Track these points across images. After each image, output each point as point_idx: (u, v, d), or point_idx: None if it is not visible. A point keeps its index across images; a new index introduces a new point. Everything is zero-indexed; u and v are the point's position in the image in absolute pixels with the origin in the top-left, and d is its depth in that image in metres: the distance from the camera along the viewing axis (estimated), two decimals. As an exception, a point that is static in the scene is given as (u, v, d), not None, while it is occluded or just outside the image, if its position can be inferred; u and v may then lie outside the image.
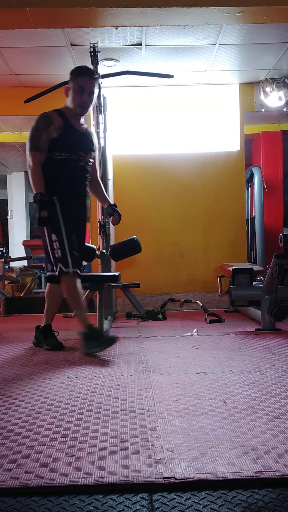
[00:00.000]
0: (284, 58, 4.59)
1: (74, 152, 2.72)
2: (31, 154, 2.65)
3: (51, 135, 2.66)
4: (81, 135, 2.79)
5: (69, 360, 2.51)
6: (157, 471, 1.17)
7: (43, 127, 2.67)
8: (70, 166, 2.72)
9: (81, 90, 2.67)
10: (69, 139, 2.71)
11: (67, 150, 2.70)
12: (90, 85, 2.69)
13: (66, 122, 2.71)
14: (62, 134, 2.68)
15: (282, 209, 6.79)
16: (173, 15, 3.42)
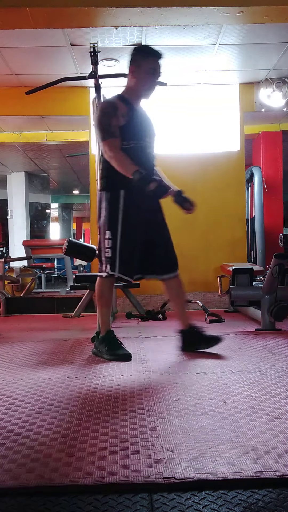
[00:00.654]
0: (284, 58, 4.59)
1: (141, 138, 2.50)
2: (106, 142, 2.41)
3: (118, 122, 2.43)
4: (146, 119, 2.59)
5: (69, 360, 2.51)
6: (157, 471, 1.17)
7: (111, 112, 2.43)
8: (138, 154, 2.46)
9: (153, 72, 2.48)
10: (136, 125, 2.49)
11: (135, 138, 2.47)
12: (160, 67, 2.51)
13: (130, 107, 2.50)
14: (129, 120, 2.45)
15: (282, 209, 6.79)
16: (173, 15, 3.42)
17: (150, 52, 2.51)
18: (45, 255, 8.39)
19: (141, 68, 2.47)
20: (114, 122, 2.42)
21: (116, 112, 2.43)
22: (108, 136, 2.42)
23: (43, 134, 6.54)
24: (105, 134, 2.43)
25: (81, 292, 4.79)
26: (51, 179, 11.89)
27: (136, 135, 2.48)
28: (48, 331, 3.61)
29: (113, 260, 2.45)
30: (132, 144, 2.45)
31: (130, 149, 2.44)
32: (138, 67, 2.48)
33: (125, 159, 2.39)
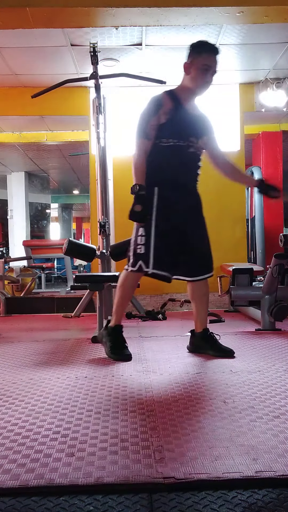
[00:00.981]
0: (284, 58, 4.59)
1: (184, 137, 2.44)
2: (138, 141, 2.42)
3: (160, 120, 2.40)
4: (194, 118, 2.50)
5: (69, 360, 2.50)
6: (157, 471, 1.17)
7: (152, 112, 2.42)
8: (178, 153, 2.43)
9: (207, 69, 2.41)
10: (179, 123, 2.44)
11: (175, 136, 2.42)
12: (215, 64, 2.44)
13: (177, 105, 2.45)
14: (171, 118, 2.42)
15: (282, 209, 6.79)
16: (173, 15, 3.42)
17: (204, 48, 2.45)
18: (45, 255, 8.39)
19: (194, 65, 2.44)
20: (152, 122, 2.41)
21: (158, 111, 2.41)
22: (141, 136, 2.42)
23: (43, 134, 6.54)
24: (140, 132, 2.44)
25: (81, 292, 4.79)
26: (51, 179, 11.90)
27: (177, 134, 2.43)
28: (48, 331, 3.61)
29: (146, 256, 2.40)
30: (171, 142, 2.42)
31: (168, 147, 2.42)
32: (191, 63, 2.46)
33: (140, 166, 2.41)
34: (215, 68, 2.45)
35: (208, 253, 2.58)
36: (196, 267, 2.56)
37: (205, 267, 2.57)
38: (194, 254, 2.54)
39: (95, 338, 3.00)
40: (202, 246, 2.56)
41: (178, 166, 2.46)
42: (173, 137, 2.42)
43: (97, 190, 4.09)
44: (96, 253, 3.82)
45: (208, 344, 2.56)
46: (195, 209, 2.57)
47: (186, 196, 2.51)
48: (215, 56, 2.44)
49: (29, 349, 2.84)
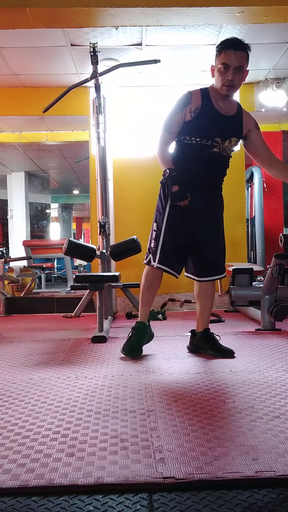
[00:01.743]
0: (284, 58, 4.59)
1: (208, 137, 2.42)
2: (161, 133, 2.46)
3: (185, 118, 2.42)
4: (222, 118, 2.46)
5: (69, 360, 2.51)
6: (157, 471, 1.17)
7: (178, 108, 2.44)
8: (200, 152, 2.43)
9: (226, 68, 2.35)
10: (205, 122, 2.42)
11: (199, 135, 2.42)
12: (236, 59, 2.35)
13: (206, 103, 2.44)
14: (197, 117, 2.41)
15: (282, 209, 6.79)
16: (173, 15, 3.42)
17: (223, 45, 2.39)
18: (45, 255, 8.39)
19: (215, 66, 2.43)
20: (176, 118, 2.44)
21: (184, 108, 2.43)
22: (164, 129, 2.46)
23: (43, 134, 6.54)
24: (163, 125, 2.47)
25: (81, 292, 4.79)
26: (51, 179, 11.90)
27: (201, 132, 2.42)
28: (48, 331, 3.61)
29: (155, 251, 2.50)
30: (194, 140, 2.42)
31: (190, 145, 2.44)
32: (214, 65, 2.45)
33: (164, 155, 2.44)
34: (237, 64, 2.36)
35: (219, 255, 2.61)
36: (204, 268, 2.59)
37: (214, 268, 2.59)
38: (203, 255, 2.55)
39: (95, 338, 3.00)
40: (213, 247, 2.57)
41: (199, 165, 2.44)
42: (196, 135, 2.42)
43: (97, 190, 4.09)
44: (96, 253, 3.82)
45: (208, 344, 2.56)
46: (211, 209, 2.57)
47: (204, 195, 2.50)
48: (236, 51, 2.35)
49: (29, 349, 2.85)
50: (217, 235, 2.60)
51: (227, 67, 2.36)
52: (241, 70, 2.40)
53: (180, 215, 2.45)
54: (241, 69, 2.40)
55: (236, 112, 2.52)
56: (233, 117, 2.50)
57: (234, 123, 2.51)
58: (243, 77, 2.45)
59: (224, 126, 2.47)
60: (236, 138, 2.52)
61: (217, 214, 2.62)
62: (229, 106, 2.49)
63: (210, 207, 2.56)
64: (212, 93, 2.47)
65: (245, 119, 2.55)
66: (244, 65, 2.41)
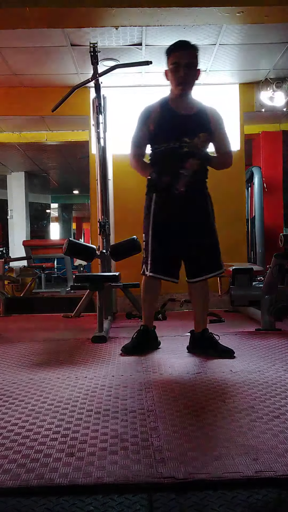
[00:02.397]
0: (284, 58, 4.59)
1: (175, 139, 2.43)
2: (130, 148, 2.60)
3: (149, 129, 2.51)
4: (184, 117, 2.48)
5: (69, 360, 2.50)
6: (157, 471, 1.17)
7: (141, 122, 2.57)
8: (172, 156, 2.45)
9: (177, 66, 2.41)
10: (167, 126, 2.47)
11: (165, 140, 2.46)
12: (185, 57, 2.41)
13: (164, 107, 2.50)
14: (158, 123, 2.48)
15: (282, 209, 6.79)
16: (173, 15, 3.42)
17: (170, 48, 2.48)
18: (45, 255, 8.39)
19: (167, 67, 2.49)
20: (142, 132, 2.56)
21: (146, 120, 2.53)
22: (132, 145, 2.60)
23: (43, 134, 6.54)
24: (131, 142, 2.61)
25: (81, 292, 4.78)
26: (51, 179, 11.89)
27: (167, 137, 2.46)
28: (48, 331, 3.61)
29: (146, 260, 2.57)
30: (163, 147, 2.48)
31: (162, 151, 2.50)
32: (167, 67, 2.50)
33: (141, 164, 2.58)
34: (187, 61, 2.42)
35: (210, 253, 2.57)
36: (196, 268, 2.58)
37: (205, 267, 2.58)
38: (193, 255, 2.56)
39: (95, 338, 3.00)
40: (202, 246, 2.55)
41: (173, 169, 2.44)
42: (163, 141, 2.47)
43: (97, 190, 4.09)
44: (96, 253, 3.82)
45: (208, 344, 2.56)
46: (197, 208, 2.55)
47: (186, 197, 2.47)
48: (182, 50, 2.44)
49: (29, 349, 2.84)
50: (205, 233, 2.56)
51: (177, 66, 2.41)
52: (191, 67, 2.44)
53: (165, 221, 2.51)
54: (192, 66, 2.44)
55: (198, 109, 2.53)
56: (196, 114, 2.51)
57: (198, 119, 2.50)
58: (195, 75, 2.48)
59: (188, 124, 2.47)
60: (204, 133, 2.46)
61: (203, 212, 2.57)
62: (189, 106, 2.52)
63: (195, 207, 2.54)
64: (170, 98, 2.54)
65: (210, 114, 2.55)
66: (193, 61, 2.45)
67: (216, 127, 2.55)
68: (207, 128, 2.49)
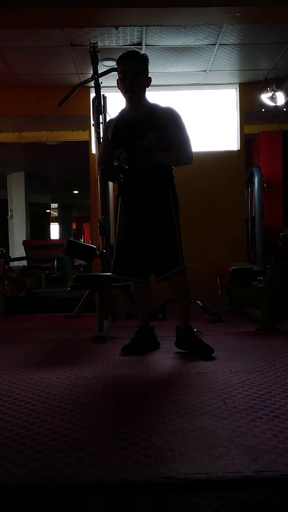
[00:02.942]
0: (284, 58, 4.59)
1: (127, 143, 2.54)
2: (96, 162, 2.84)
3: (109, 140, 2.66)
4: (133, 121, 2.57)
5: (69, 360, 2.51)
6: (157, 471, 1.17)
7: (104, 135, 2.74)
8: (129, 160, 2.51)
9: (124, 75, 2.49)
10: (121, 134, 2.59)
11: (121, 146, 2.57)
12: (131, 65, 2.49)
13: (119, 117, 2.65)
14: (114, 132, 2.61)
15: (282, 209, 6.79)
16: (173, 15, 3.42)
17: (118, 60, 2.55)
18: (45, 255, 8.39)
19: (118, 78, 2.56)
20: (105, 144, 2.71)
21: (105, 134, 2.70)
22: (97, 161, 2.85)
23: (43, 134, 6.54)
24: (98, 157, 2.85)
25: (81, 292, 4.78)
26: (51, 179, 11.89)
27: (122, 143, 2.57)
28: (48, 331, 3.61)
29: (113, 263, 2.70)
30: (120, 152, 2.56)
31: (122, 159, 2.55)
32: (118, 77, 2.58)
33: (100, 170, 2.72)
34: (133, 69, 2.49)
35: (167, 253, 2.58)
36: (160, 267, 2.61)
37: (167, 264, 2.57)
38: (156, 254, 2.61)
39: (95, 338, 3.00)
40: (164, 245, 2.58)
41: (132, 172, 2.51)
42: (119, 147, 2.57)
43: (97, 190, 4.09)
44: (96, 253, 3.81)
45: (188, 340, 2.55)
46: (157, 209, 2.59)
47: (147, 198, 2.57)
48: (128, 60, 2.51)
49: (29, 349, 2.84)
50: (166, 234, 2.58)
51: (125, 74, 2.49)
52: (138, 74, 2.50)
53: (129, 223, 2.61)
54: (139, 74, 2.51)
55: (148, 111, 2.57)
56: (145, 116, 2.56)
57: (147, 119, 2.54)
58: (143, 82, 2.54)
59: (137, 127, 2.54)
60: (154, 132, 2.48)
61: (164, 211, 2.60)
62: (139, 109, 2.58)
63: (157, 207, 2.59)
64: (124, 108, 2.64)
65: (159, 113, 2.56)
66: (140, 70, 2.52)
67: (167, 125, 2.55)
68: (156, 127, 2.51)
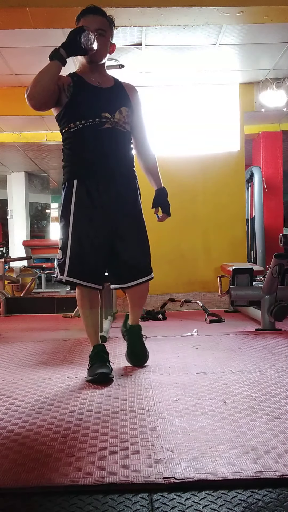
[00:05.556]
0: (284, 58, 4.59)
1: (94, 115, 2.08)
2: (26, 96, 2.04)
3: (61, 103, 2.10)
4: (101, 91, 2.14)
5: (69, 360, 2.51)
6: (157, 471, 1.17)
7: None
8: (90, 134, 2.08)
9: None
10: (84, 101, 2.10)
11: (83, 115, 2.08)
12: (94, 22, 2.08)
13: (77, 79, 2.13)
14: (73, 95, 2.08)
15: (282, 209, 6.79)
16: (173, 15, 3.42)
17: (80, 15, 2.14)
18: (45, 255, 8.39)
19: None
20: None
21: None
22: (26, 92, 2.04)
23: (43, 134, 6.54)
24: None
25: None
26: (51, 179, 11.89)
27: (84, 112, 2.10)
28: (48, 331, 3.61)
29: (63, 262, 2.08)
30: (80, 124, 2.09)
31: (78, 131, 2.11)
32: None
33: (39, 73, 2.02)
34: (97, 26, 2.08)
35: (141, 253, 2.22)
36: (128, 271, 2.20)
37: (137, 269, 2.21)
38: (123, 256, 2.17)
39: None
40: (133, 245, 2.19)
41: (95, 150, 2.09)
42: (80, 118, 2.09)
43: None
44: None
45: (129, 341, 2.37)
46: (125, 200, 2.16)
47: (112, 185, 2.11)
48: (92, 15, 2.11)
49: (29, 349, 2.85)
50: (136, 230, 2.20)
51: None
52: (102, 33, 2.11)
53: (88, 215, 2.08)
54: (102, 33, 2.11)
55: (114, 84, 2.22)
56: (112, 88, 2.19)
57: (117, 93, 2.19)
58: (106, 43, 2.15)
59: (106, 98, 2.14)
60: (126, 108, 2.17)
61: (133, 205, 2.19)
62: (103, 79, 2.20)
63: (123, 196, 2.15)
64: (81, 71, 2.19)
65: (128, 89, 2.24)
66: (104, 28, 2.13)
67: (135, 107, 2.23)
68: (127, 101, 2.19)
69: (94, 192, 2.10)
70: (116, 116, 2.12)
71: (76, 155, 2.16)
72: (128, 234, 2.17)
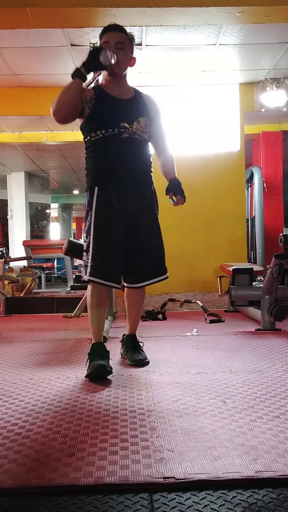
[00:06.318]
0: (284, 58, 4.59)
1: (113, 125, 2.21)
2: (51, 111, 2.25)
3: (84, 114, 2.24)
4: (120, 102, 2.27)
5: (69, 360, 2.51)
6: (157, 471, 1.17)
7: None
8: (109, 143, 2.22)
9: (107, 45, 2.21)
10: (104, 110, 2.24)
11: (103, 126, 2.22)
12: (115, 36, 2.22)
13: (99, 91, 2.28)
14: (95, 107, 2.23)
15: (282, 209, 6.79)
16: (173, 15, 3.42)
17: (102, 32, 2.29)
18: (45, 255, 8.39)
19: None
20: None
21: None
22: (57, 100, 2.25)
23: (43, 134, 6.54)
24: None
25: (81, 292, 4.79)
26: (51, 179, 11.90)
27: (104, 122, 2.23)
28: (48, 331, 3.61)
29: (86, 264, 2.25)
30: (100, 134, 2.22)
31: (98, 140, 2.24)
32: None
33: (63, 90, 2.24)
34: (117, 40, 2.22)
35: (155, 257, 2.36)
36: (139, 273, 2.35)
37: (149, 272, 2.35)
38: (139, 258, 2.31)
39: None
40: (148, 250, 2.33)
41: (113, 158, 2.23)
42: (100, 128, 2.23)
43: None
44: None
45: (128, 348, 2.44)
46: (141, 204, 2.30)
47: (131, 192, 2.26)
48: (113, 31, 2.25)
49: (29, 349, 2.85)
50: (153, 234, 2.35)
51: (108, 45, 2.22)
52: (122, 47, 2.23)
53: (108, 220, 2.23)
54: (122, 46, 2.23)
55: (134, 95, 2.34)
56: (132, 99, 2.32)
57: (136, 104, 2.31)
58: (125, 56, 2.26)
59: (125, 109, 2.27)
60: (144, 118, 2.28)
61: (149, 209, 2.34)
62: (123, 90, 2.32)
63: (140, 202, 2.29)
64: (104, 83, 2.34)
65: (147, 101, 2.35)
66: (125, 42, 2.25)
67: (154, 114, 2.35)
68: (146, 112, 2.31)
69: (113, 198, 2.24)
70: (134, 126, 2.26)
71: (96, 163, 2.30)
72: (144, 239, 2.31)
